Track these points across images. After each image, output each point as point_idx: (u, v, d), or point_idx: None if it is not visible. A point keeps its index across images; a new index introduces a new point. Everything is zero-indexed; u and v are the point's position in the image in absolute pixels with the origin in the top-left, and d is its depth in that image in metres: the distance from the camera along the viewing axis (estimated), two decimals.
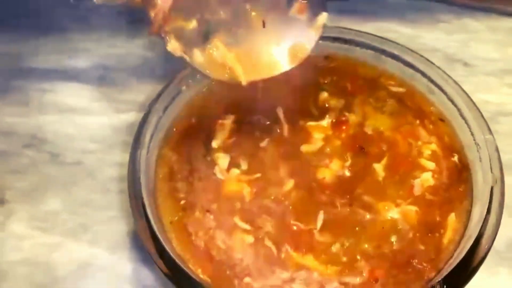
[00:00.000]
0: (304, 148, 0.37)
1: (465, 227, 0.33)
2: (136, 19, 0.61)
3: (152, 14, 0.34)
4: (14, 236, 0.44)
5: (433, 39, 0.58)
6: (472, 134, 0.36)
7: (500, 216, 0.31)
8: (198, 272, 0.32)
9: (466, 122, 0.37)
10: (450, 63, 0.56)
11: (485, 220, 0.31)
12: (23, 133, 0.51)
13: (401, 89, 0.41)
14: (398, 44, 0.41)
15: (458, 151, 0.37)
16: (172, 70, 0.43)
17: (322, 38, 0.41)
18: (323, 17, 0.35)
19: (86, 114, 0.53)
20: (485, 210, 0.31)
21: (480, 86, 0.54)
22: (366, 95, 0.40)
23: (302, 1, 0.35)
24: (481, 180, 0.34)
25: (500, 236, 0.42)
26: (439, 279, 0.29)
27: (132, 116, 0.52)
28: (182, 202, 0.36)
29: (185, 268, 0.31)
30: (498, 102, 0.52)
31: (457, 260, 0.30)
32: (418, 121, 0.39)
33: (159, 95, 0.39)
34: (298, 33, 0.35)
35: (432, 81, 0.40)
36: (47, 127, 0.52)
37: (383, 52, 0.41)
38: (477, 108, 0.37)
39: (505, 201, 0.43)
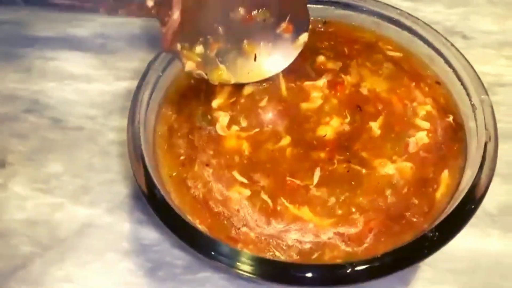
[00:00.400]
0: (304, 105, 0.38)
1: (458, 183, 0.34)
2: None
3: (163, 30, 0.36)
4: (17, 197, 0.45)
5: (433, 12, 0.58)
6: (468, 95, 0.36)
7: (493, 171, 0.32)
8: (196, 222, 0.33)
9: (462, 83, 0.37)
10: (449, 36, 0.54)
11: (478, 174, 0.32)
12: (25, 98, 0.52)
13: (398, 54, 0.41)
14: (396, 8, 0.42)
15: (453, 112, 0.38)
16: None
17: (322, 2, 0.42)
18: (304, 37, 0.40)
19: (87, 81, 0.54)
20: (478, 165, 0.32)
21: (478, 58, 0.53)
22: (363, 58, 0.41)
23: (289, 23, 0.39)
24: (475, 139, 0.35)
25: (492, 200, 0.43)
26: (432, 227, 0.30)
27: (132, 83, 0.51)
28: (182, 157, 0.36)
29: (183, 217, 0.31)
30: (496, 73, 0.53)
31: (450, 210, 0.30)
32: (414, 84, 0.39)
33: (158, 55, 0.40)
34: (282, 49, 0.40)
35: (429, 44, 0.40)
36: (48, 93, 0.52)
37: (381, 16, 0.42)
38: (473, 70, 0.37)
39: (498, 168, 0.45)
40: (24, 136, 0.49)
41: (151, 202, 0.33)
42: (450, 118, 0.37)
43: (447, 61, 0.39)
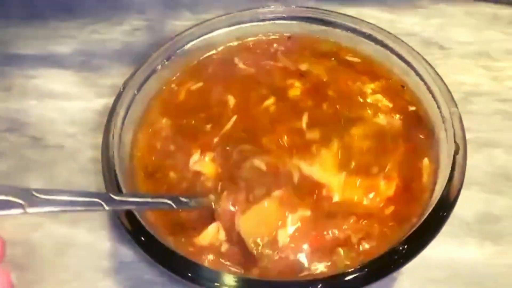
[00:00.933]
0: None
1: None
2: (117, 6, 0.62)
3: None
4: None
5: (411, 24, 0.59)
6: (438, 107, 0.37)
7: (461, 182, 0.32)
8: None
9: (433, 96, 0.38)
10: (427, 46, 0.57)
11: (447, 186, 0.32)
12: (5, 117, 0.52)
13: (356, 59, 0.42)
14: (368, 23, 0.42)
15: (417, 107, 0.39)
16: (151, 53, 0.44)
17: (299, 18, 0.43)
18: None
19: (68, 98, 0.54)
20: (447, 177, 0.32)
21: (455, 68, 0.55)
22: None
23: None
24: (446, 149, 0.35)
25: (470, 209, 0.44)
26: (402, 240, 0.30)
27: (112, 100, 0.53)
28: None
29: (157, 237, 0.31)
30: (473, 83, 0.53)
31: (420, 222, 0.31)
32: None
33: (134, 73, 0.40)
34: None
35: (401, 58, 0.40)
36: (29, 112, 0.53)
37: (354, 31, 0.42)
38: (443, 82, 0.38)
39: (476, 177, 0.45)
40: (3, 154, 0.49)
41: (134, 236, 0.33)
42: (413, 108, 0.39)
43: (418, 74, 0.39)
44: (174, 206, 0.33)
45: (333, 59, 0.43)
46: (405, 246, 0.30)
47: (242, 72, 0.42)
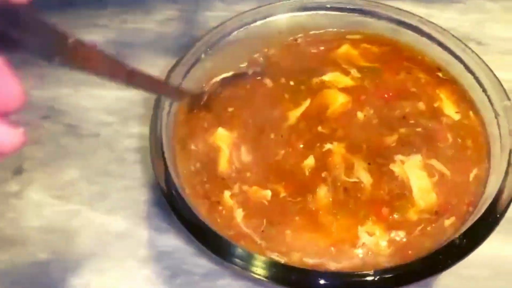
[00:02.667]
0: None
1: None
2: None
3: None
4: (33, 204, 0.45)
5: (447, 19, 0.58)
6: (489, 101, 0.36)
7: None
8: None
9: (483, 89, 0.37)
10: (464, 42, 0.56)
11: (503, 181, 0.31)
12: (40, 105, 0.52)
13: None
14: (414, 15, 0.42)
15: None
16: (185, 45, 0.43)
17: (340, 9, 0.42)
18: None
19: (102, 87, 0.53)
20: (503, 172, 0.32)
21: (493, 64, 0.53)
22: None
23: None
24: (499, 145, 0.34)
25: None
26: (460, 234, 0.29)
27: None
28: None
29: (201, 219, 0.31)
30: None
31: (476, 217, 0.30)
32: None
33: (177, 63, 0.40)
34: None
35: (448, 50, 0.40)
36: (63, 100, 0.52)
37: (400, 23, 0.42)
38: (495, 75, 0.37)
39: None
40: (40, 143, 0.49)
41: (171, 204, 0.33)
42: None
43: (467, 67, 0.39)
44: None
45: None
46: (464, 240, 0.29)
47: None
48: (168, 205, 0.33)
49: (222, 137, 0.38)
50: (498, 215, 0.30)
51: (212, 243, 0.31)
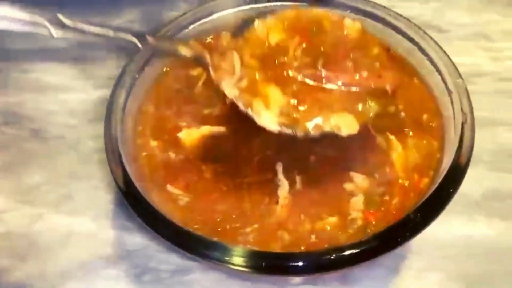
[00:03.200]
0: None
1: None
2: (110, 0, 0.61)
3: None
4: None
5: (409, 8, 0.59)
6: (443, 81, 0.37)
7: (471, 150, 0.32)
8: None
9: (437, 70, 0.38)
10: (425, 29, 0.56)
11: (457, 154, 0.32)
12: (3, 110, 0.51)
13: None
14: (370, 1, 0.42)
15: None
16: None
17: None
18: None
19: (66, 91, 0.53)
20: (456, 146, 0.32)
21: (455, 50, 0.53)
22: None
23: None
24: (453, 125, 0.35)
25: (477, 187, 0.44)
26: (414, 209, 0.30)
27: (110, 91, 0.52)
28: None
29: (166, 216, 0.31)
30: (473, 63, 0.53)
31: (430, 192, 0.31)
32: None
33: (132, 58, 0.39)
34: None
35: (404, 34, 0.40)
36: (27, 105, 0.52)
37: (356, 10, 0.42)
38: (448, 56, 0.38)
39: (482, 155, 0.45)
40: (3, 148, 0.48)
41: (134, 207, 0.32)
42: None
43: (422, 50, 0.39)
44: (139, 44, 0.33)
45: None
46: (419, 215, 0.29)
47: None
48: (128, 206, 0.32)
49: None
50: (451, 190, 0.31)
51: (180, 239, 0.31)
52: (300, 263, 0.29)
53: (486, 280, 0.39)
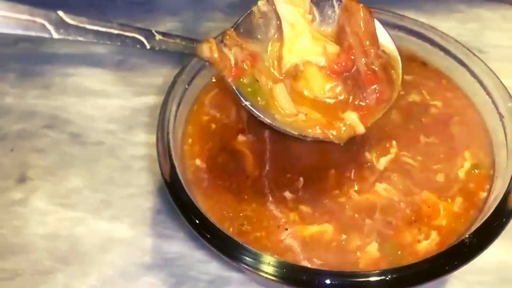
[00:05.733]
0: None
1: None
2: (150, 8, 0.62)
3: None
4: (37, 212, 0.45)
5: (448, 28, 0.58)
6: (493, 103, 0.37)
7: None
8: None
9: (487, 93, 0.37)
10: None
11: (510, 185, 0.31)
12: (45, 114, 0.52)
13: None
14: (416, 20, 0.42)
15: None
16: (185, 56, 0.43)
17: None
18: None
19: (106, 97, 0.54)
20: (510, 175, 0.32)
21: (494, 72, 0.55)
22: None
23: None
24: (505, 148, 0.35)
25: None
26: (469, 234, 0.29)
27: (151, 99, 0.53)
28: None
29: (209, 218, 0.31)
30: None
31: (483, 219, 0.30)
32: None
33: (183, 68, 0.40)
34: None
35: (450, 54, 0.40)
36: (68, 109, 0.53)
37: (402, 28, 0.42)
38: (498, 79, 0.38)
39: None
40: (44, 151, 0.49)
41: (180, 206, 0.32)
42: None
43: (470, 71, 0.39)
44: (147, 44, 0.31)
45: None
46: (475, 240, 0.29)
47: None
48: (174, 205, 0.33)
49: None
50: (504, 219, 0.30)
51: (221, 244, 0.31)
52: (341, 283, 0.29)
53: None
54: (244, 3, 0.61)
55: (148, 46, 0.31)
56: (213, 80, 0.41)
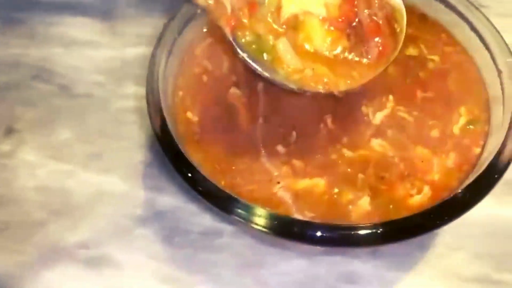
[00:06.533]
0: None
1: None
2: None
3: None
4: (26, 164, 0.44)
5: None
6: (492, 59, 0.36)
7: None
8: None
9: (487, 47, 0.37)
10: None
11: (504, 141, 0.31)
12: (31, 64, 0.50)
13: None
14: None
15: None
16: (177, 3, 0.42)
17: None
18: None
19: (94, 47, 0.52)
20: (505, 132, 0.32)
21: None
22: None
23: None
24: (501, 105, 0.34)
25: (509, 168, 0.43)
26: (462, 189, 0.30)
27: (140, 50, 0.51)
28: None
29: (201, 172, 0.31)
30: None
31: (475, 175, 0.31)
32: None
33: (172, 17, 0.38)
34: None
35: (452, 7, 0.39)
36: (54, 59, 0.51)
37: None
38: (499, 33, 0.37)
39: None
40: (31, 103, 0.48)
41: (172, 159, 0.32)
42: None
43: (470, 25, 0.38)
44: None
45: None
46: (467, 195, 0.29)
47: None
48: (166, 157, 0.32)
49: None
50: (497, 175, 0.31)
51: (215, 198, 0.31)
52: (331, 235, 0.29)
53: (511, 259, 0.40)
54: None
55: None
56: (204, 30, 0.40)
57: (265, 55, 0.34)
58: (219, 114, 0.37)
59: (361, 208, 0.32)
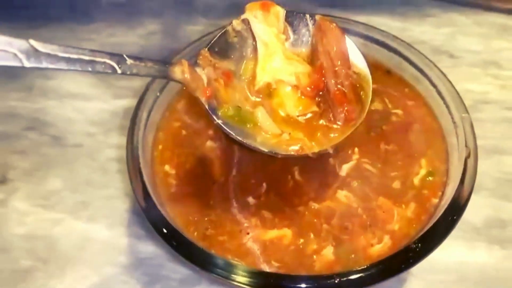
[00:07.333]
0: None
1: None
2: (132, 10, 0.63)
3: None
4: (17, 212, 0.46)
5: (421, 32, 0.60)
6: (449, 113, 0.38)
7: (473, 184, 0.34)
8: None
9: (444, 102, 0.39)
10: (437, 55, 0.58)
11: (459, 188, 0.33)
12: (26, 116, 0.54)
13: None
14: (382, 30, 0.44)
15: None
16: (167, 58, 0.45)
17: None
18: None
19: (86, 99, 0.55)
20: (459, 180, 0.34)
21: (464, 76, 0.56)
22: None
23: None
24: (457, 154, 0.36)
25: (478, 214, 0.45)
26: (415, 239, 0.31)
27: (129, 102, 0.54)
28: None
29: (180, 231, 0.33)
30: (481, 91, 0.55)
31: (432, 223, 0.32)
32: None
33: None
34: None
35: (414, 65, 0.42)
36: (48, 111, 0.54)
37: (368, 38, 0.44)
38: (455, 89, 0.39)
39: (484, 182, 0.46)
40: (24, 153, 0.51)
41: (150, 218, 0.34)
42: None
43: (430, 81, 0.41)
44: (118, 69, 0.30)
45: None
46: (419, 245, 0.31)
47: None
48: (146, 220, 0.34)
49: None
50: (453, 220, 0.32)
51: (193, 255, 0.33)
52: (304, 285, 0.31)
53: None
54: (224, 6, 0.63)
55: (119, 71, 0.31)
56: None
57: (248, 125, 0.36)
58: (195, 167, 0.39)
59: (324, 257, 0.34)
